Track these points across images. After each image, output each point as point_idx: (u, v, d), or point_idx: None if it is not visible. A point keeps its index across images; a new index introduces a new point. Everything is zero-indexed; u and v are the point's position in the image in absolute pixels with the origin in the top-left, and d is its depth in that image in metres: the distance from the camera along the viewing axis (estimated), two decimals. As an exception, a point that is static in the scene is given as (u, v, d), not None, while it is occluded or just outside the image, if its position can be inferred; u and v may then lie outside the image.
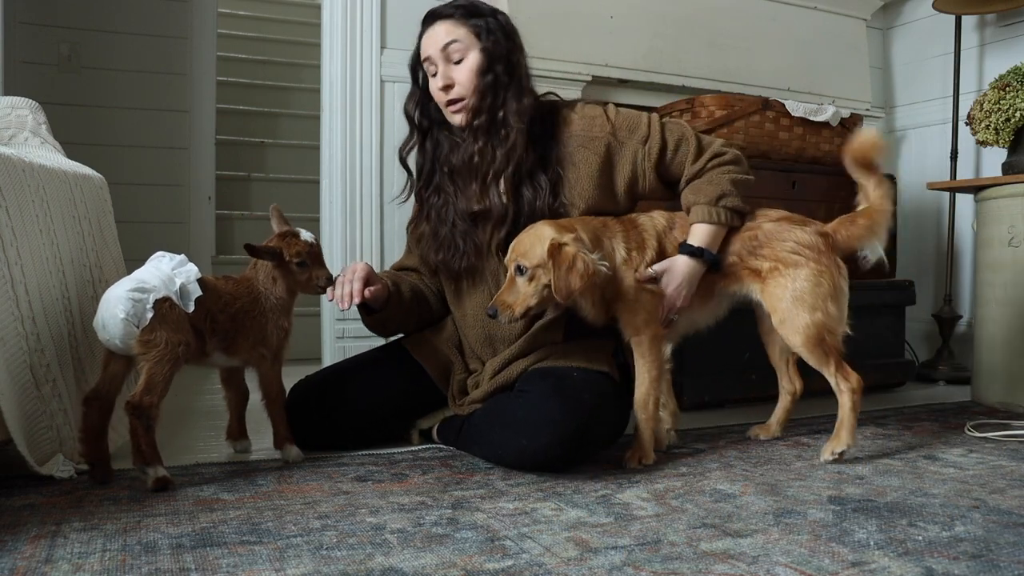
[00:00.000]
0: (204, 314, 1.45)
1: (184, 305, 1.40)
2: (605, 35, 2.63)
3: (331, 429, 1.68)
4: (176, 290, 1.40)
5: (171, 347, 1.36)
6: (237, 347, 1.52)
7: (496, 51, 1.59)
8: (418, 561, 1.04)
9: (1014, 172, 2.34)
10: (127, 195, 2.90)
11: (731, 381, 2.28)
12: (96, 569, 1.01)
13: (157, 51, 3.30)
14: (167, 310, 1.37)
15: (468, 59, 1.59)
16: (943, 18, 2.96)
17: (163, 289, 1.38)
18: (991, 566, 1.04)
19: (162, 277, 1.40)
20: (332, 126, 2.48)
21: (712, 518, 1.24)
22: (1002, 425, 2.00)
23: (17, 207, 1.38)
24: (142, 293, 1.35)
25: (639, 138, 1.64)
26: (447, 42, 1.58)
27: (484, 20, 1.61)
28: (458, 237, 1.65)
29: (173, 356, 1.36)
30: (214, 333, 1.47)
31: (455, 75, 1.59)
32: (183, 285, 1.41)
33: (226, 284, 1.54)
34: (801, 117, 2.50)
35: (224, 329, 1.49)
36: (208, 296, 1.45)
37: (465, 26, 1.60)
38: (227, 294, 1.51)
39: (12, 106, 1.84)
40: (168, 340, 1.36)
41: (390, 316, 1.71)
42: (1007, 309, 2.27)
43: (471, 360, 1.74)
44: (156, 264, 1.44)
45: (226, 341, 1.50)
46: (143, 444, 1.35)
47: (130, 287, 1.35)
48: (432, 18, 1.63)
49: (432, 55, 1.61)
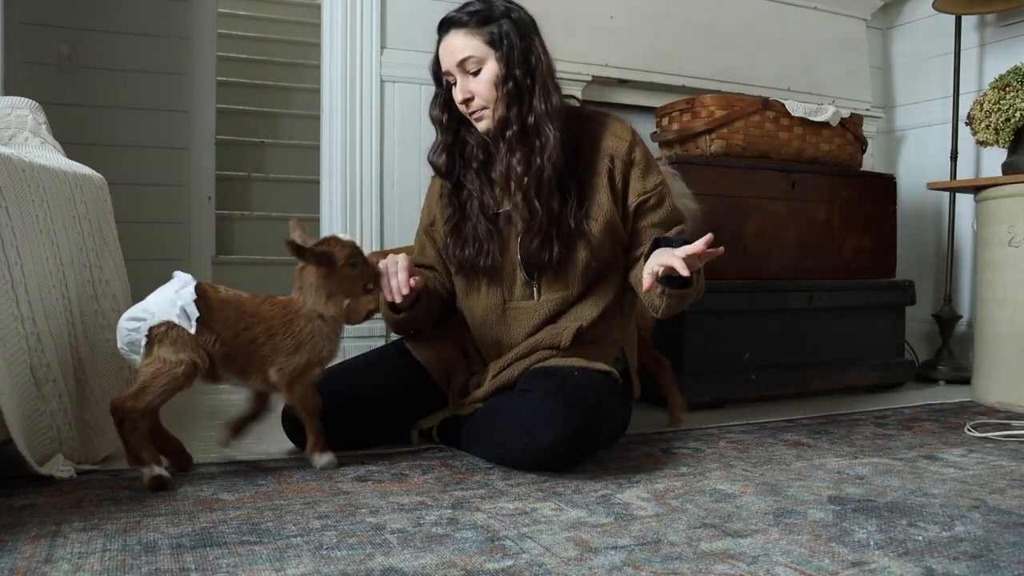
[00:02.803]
0: (213, 338, 1.42)
1: (187, 326, 1.39)
2: (605, 35, 2.63)
3: (331, 429, 1.68)
4: (178, 312, 1.39)
5: (168, 366, 1.37)
6: (251, 372, 1.48)
7: (513, 57, 1.57)
8: (418, 561, 1.04)
9: (1014, 172, 2.34)
10: (127, 195, 2.90)
11: (731, 381, 2.28)
12: (96, 569, 1.01)
13: (157, 51, 3.29)
14: (164, 333, 1.38)
15: (485, 70, 1.58)
16: (943, 18, 2.96)
17: (162, 314, 1.39)
18: (991, 566, 1.04)
19: (163, 301, 1.40)
20: (332, 126, 2.48)
21: (712, 518, 1.24)
22: (1002, 425, 2.00)
23: (17, 207, 1.38)
24: (136, 322, 1.39)
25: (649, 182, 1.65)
26: (461, 59, 1.57)
27: (498, 25, 1.57)
28: (483, 236, 1.65)
29: (172, 375, 1.37)
30: (224, 357, 1.44)
31: (474, 87, 1.58)
32: (183, 307, 1.40)
33: (257, 304, 1.48)
34: (801, 117, 2.49)
35: (235, 353, 1.45)
36: (219, 318, 1.43)
37: (479, 35, 1.57)
38: (251, 316, 1.46)
39: (12, 106, 1.84)
40: (166, 360, 1.37)
41: (418, 315, 1.69)
42: (1007, 309, 2.27)
43: (474, 361, 1.74)
44: (165, 286, 1.44)
45: (238, 365, 1.46)
46: (131, 444, 1.36)
47: (129, 316, 1.40)
48: (447, 26, 1.60)
49: (449, 68, 1.60)
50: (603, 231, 1.62)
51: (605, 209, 1.63)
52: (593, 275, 1.65)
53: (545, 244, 1.60)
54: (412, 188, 2.50)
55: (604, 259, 1.65)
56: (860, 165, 2.70)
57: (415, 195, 1.91)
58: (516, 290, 1.67)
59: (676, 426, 1.98)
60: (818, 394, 2.49)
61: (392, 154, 2.52)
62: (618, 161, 1.64)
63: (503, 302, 1.67)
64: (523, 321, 1.66)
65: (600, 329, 1.67)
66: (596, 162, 1.64)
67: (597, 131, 1.67)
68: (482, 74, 1.58)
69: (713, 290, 2.23)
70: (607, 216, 1.63)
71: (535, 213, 1.58)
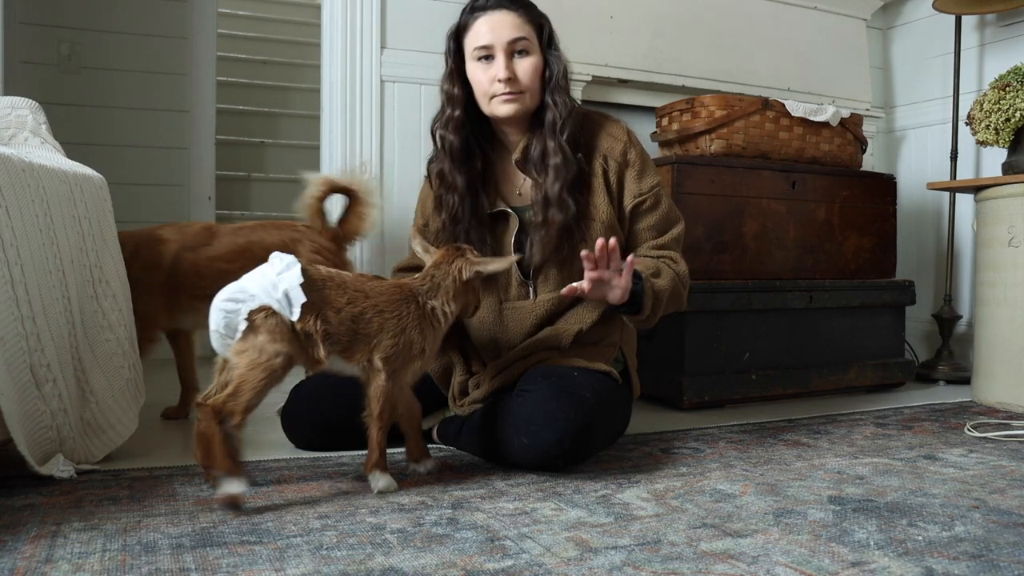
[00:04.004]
0: (314, 316, 1.32)
1: (289, 313, 1.30)
2: (605, 35, 2.63)
3: (331, 430, 1.68)
4: (279, 297, 1.30)
5: (266, 357, 1.27)
6: (354, 351, 1.37)
7: (551, 54, 1.61)
8: (418, 561, 1.04)
9: (1014, 172, 2.34)
10: (127, 195, 2.90)
11: (731, 381, 2.28)
12: (96, 569, 1.01)
13: (157, 51, 3.29)
14: (262, 320, 1.28)
15: (533, 57, 1.59)
16: (943, 18, 2.96)
17: (263, 297, 1.29)
18: (991, 566, 1.04)
19: (264, 284, 1.30)
20: (332, 126, 2.48)
21: (712, 518, 1.24)
22: (1002, 425, 2.00)
23: (17, 207, 1.38)
24: (235, 304, 1.28)
25: (645, 184, 1.65)
26: (515, 36, 1.57)
27: (544, 20, 1.62)
28: (475, 241, 1.63)
29: (268, 367, 1.27)
30: (327, 335, 1.33)
31: (518, 69, 1.58)
32: (286, 292, 1.30)
33: (363, 282, 1.41)
34: (801, 117, 2.49)
35: (338, 331, 1.34)
36: (320, 297, 1.33)
37: (530, 22, 1.60)
38: (355, 291, 1.37)
39: (12, 106, 1.84)
40: (263, 350, 1.27)
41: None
42: (1007, 309, 2.27)
43: (473, 362, 1.74)
44: (264, 267, 1.34)
45: (341, 344, 1.35)
46: (219, 453, 1.25)
47: (226, 296, 1.29)
48: (493, 4, 1.59)
49: (493, 43, 1.57)
50: (602, 232, 1.62)
51: (602, 210, 1.63)
52: None
53: (561, 243, 1.60)
54: (412, 188, 2.49)
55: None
56: (860, 165, 2.70)
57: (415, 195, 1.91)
58: (511, 290, 1.66)
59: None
60: (818, 394, 2.49)
61: (392, 154, 2.52)
62: (612, 162, 1.64)
63: (499, 302, 1.67)
64: (520, 321, 1.66)
65: (600, 330, 1.67)
66: (592, 162, 1.64)
67: (592, 131, 1.67)
68: (529, 59, 1.59)
69: (713, 290, 2.24)
70: (604, 217, 1.63)
71: (565, 208, 1.58)
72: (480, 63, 1.59)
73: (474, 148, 1.65)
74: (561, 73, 1.60)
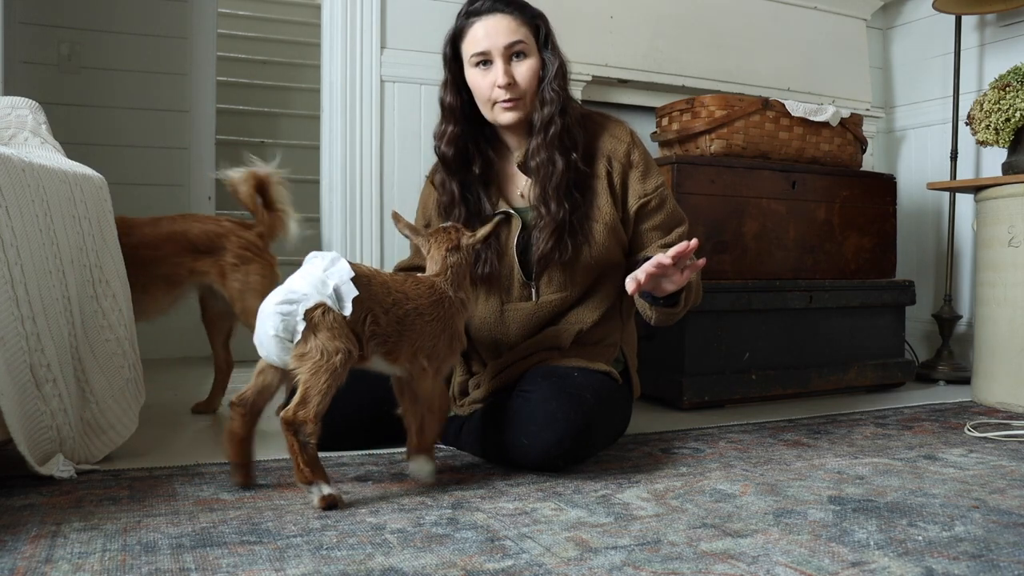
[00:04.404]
0: (364, 314, 1.30)
1: (340, 308, 1.27)
2: (605, 35, 2.63)
3: (330, 430, 1.67)
4: (330, 294, 1.27)
5: (327, 357, 1.24)
6: (399, 353, 1.36)
7: (550, 56, 1.60)
8: (418, 561, 1.04)
9: (1014, 172, 2.34)
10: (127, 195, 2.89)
11: (731, 381, 2.28)
12: (96, 569, 1.01)
13: (157, 51, 3.29)
14: (320, 317, 1.25)
15: (530, 60, 1.59)
16: (943, 18, 2.96)
17: (315, 295, 1.26)
18: (991, 566, 1.04)
19: (313, 282, 1.27)
20: (332, 126, 2.48)
21: (712, 518, 1.24)
22: (1002, 425, 2.00)
23: (17, 207, 1.38)
24: (290, 305, 1.25)
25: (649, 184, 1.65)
26: (512, 40, 1.56)
27: (541, 20, 1.61)
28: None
29: (331, 366, 1.24)
30: (374, 335, 1.32)
31: (517, 73, 1.58)
32: (336, 287, 1.27)
33: (402, 282, 1.40)
34: (801, 117, 2.50)
35: (386, 331, 1.33)
36: (368, 294, 1.31)
37: (526, 24, 1.59)
38: (398, 292, 1.37)
39: (12, 106, 1.84)
40: (324, 350, 1.24)
41: None
42: (1007, 309, 2.27)
43: (473, 362, 1.74)
44: (308, 267, 1.31)
45: (387, 345, 1.34)
46: (302, 461, 1.24)
47: (279, 299, 1.26)
48: (489, 7, 1.58)
49: (490, 49, 1.57)
50: (604, 233, 1.62)
51: (605, 211, 1.63)
52: (593, 277, 1.65)
53: (559, 243, 1.59)
54: (412, 188, 2.50)
55: (605, 261, 1.64)
56: (860, 165, 2.70)
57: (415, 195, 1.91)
58: (514, 292, 1.66)
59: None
60: (818, 394, 2.49)
61: (392, 154, 2.52)
62: (616, 163, 1.64)
63: (501, 304, 1.67)
64: (521, 322, 1.66)
65: (600, 331, 1.67)
66: (594, 164, 1.64)
67: (595, 132, 1.67)
68: (527, 62, 1.58)
69: (713, 290, 2.24)
70: (607, 218, 1.62)
71: (562, 210, 1.58)
72: (478, 68, 1.59)
73: (473, 153, 1.65)
74: (557, 72, 1.59)
